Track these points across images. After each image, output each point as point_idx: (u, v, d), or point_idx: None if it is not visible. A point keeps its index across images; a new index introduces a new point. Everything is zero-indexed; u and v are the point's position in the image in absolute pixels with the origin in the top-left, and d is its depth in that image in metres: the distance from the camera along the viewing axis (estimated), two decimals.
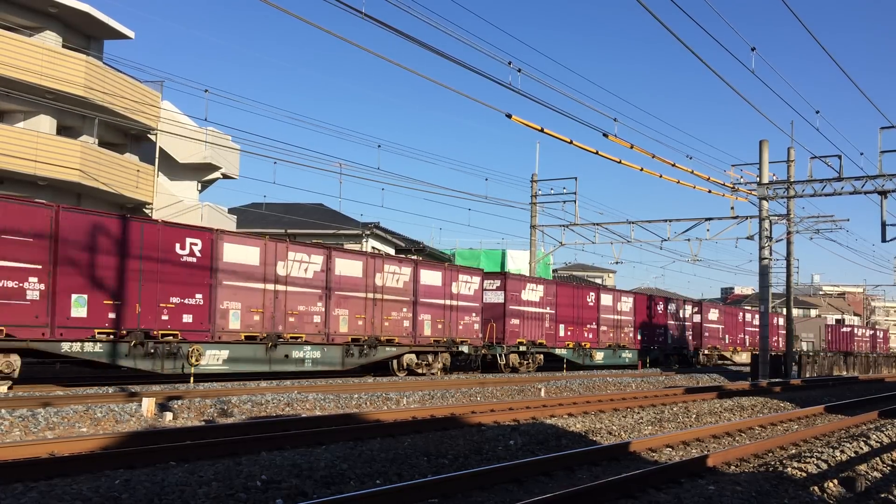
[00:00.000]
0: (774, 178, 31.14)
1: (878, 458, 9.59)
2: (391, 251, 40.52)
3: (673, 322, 40.94)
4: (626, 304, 36.38)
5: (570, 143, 20.58)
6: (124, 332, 16.50)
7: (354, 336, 22.05)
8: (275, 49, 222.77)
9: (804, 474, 8.17)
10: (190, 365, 17.74)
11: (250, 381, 19.40)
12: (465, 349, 26.58)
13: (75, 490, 6.62)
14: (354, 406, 14.69)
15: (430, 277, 25.04)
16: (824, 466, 8.71)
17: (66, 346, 15.62)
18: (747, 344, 48.80)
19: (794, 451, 10.46)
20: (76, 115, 25.89)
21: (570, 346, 31.98)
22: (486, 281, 28.14)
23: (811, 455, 9.23)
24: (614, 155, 22.55)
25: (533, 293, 30.00)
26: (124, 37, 28.68)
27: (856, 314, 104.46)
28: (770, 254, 31.41)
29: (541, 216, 37.85)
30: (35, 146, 23.88)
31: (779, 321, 49.48)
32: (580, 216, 36.75)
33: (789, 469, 8.34)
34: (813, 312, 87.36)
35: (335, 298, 21.53)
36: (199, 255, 18.12)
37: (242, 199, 66.47)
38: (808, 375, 34.11)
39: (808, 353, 40.36)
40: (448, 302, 25.57)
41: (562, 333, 31.49)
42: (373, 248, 37.98)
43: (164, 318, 17.31)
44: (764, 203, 30.92)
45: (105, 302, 16.23)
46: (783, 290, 38.28)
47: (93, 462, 7.84)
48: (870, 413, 15.96)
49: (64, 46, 26.04)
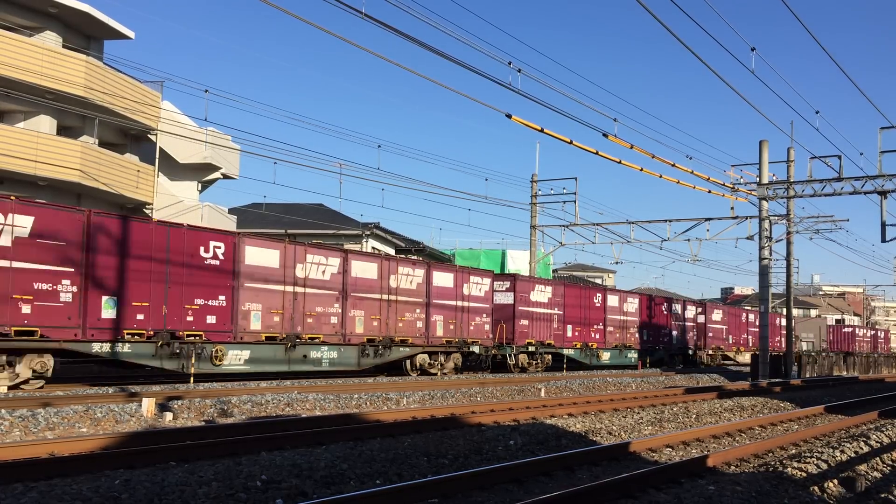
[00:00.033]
0: (774, 178, 31.15)
1: (878, 458, 9.59)
2: (391, 251, 40.53)
3: (677, 322, 41.16)
4: (632, 304, 36.69)
5: (570, 143, 20.60)
6: (152, 332, 16.97)
7: (370, 337, 22.44)
8: (275, 49, 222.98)
9: (804, 474, 8.17)
10: (214, 365, 18.13)
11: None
12: (476, 349, 26.91)
13: (75, 490, 6.62)
14: (354, 406, 14.70)
15: (443, 279, 25.44)
16: (824, 466, 8.71)
17: (96, 347, 16.07)
18: (750, 344, 48.84)
19: (794, 452, 10.46)
20: (76, 115, 25.89)
21: (578, 346, 32.29)
22: (496, 282, 28.48)
23: (811, 455, 9.23)
24: (614, 155, 22.58)
25: (541, 294, 30.29)
26: (124, 37, 28.68)
27: (856, 314, 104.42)
28: (770, 254, 31.41)
29: (541, 216, 37.87)
30: (35, 146, 23.89)
31: (780, 321, 49.50)
32: (580, 216, 36.77)
33: (789, 469, 8.34)
34: (813, 312, 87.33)
35: (351, 300, 21.91)
36: (221, 257, 18.59)
37: (242, 199, 66.60)
38: (808, 375, 34.13)
39: (808, 354, 40.37)
40: (459, 303, 25.96)
41: (569, 334, 31.77)
42: (373, 248, 37.97)
43: (189, 319, 17.75)
44: (764, 203, 30.92)
45: (133, 303, 16.70)
46: (783, 290, 38.30)
47: (93, 462, 7.84)
48: (870, 413, 15.97)
49: (64, 46, 26.04)
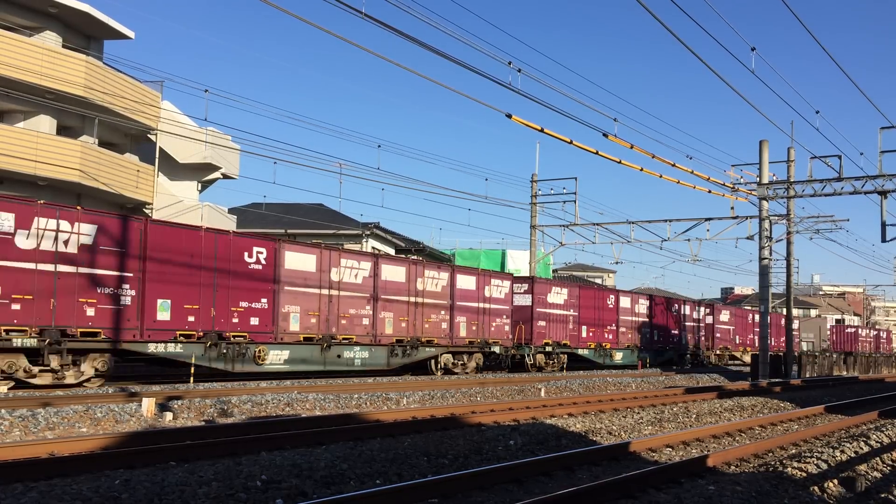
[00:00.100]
0: (774, 178, 31.14)
1: (878, 458, 9.59)
2: (391, 251, 40.55)
3: (686, 323, 42.04)
4: (643, 306, 37.87)
5: (570, 143, 20.59)
6: (201, 333, 18.13)
7: (398, 337, 23.48)
8: (275, 49, 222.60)
9: (804, 474, 8.17)
10: (256, 364, 19.12)
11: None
12: (496, 349, 27.76)
13: (75, 490, 6.62)
14: (354, 406, 14.70)
15: (466, 282, 26.46)
16: (824, 466, 8.71)
17: (152, 347, 17.30)
18: (756, 345, 49.06)
19: (794, 451, 10.46)
20: (76, 115, 25.88)
21: (592, 346, 33.19)
22: (515, 284, 29.36)
23: (811, 455, 9.23)
24: (614, 155, 22.60)
25: (558, 296, 31.13)
26: (124, 37, 28.67)
27: (856, 314, 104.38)
28: (770, 254, 31.41)
29: (541, 216, 37.83)
30: (35, 146, 23.89)
31: (782, 321, 49.60)
32: (580, 216, 36.74)
33: (789, 469, 8.34)
34: (813, 312, 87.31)
35: (381, 302, 22.94)
36: (264, 262, 19.70)
37: (242, 199, 66.55)
38: (808, 375, 34.13)
39: (809, 353, 40.38)
40: (481, 305, 26.94)
41: (584, 335, 32.65)
42: (373, 248, 37.98)
43: (235, 320, 18.89)
44: (764, 203, 30.91)
45: (185, 306, 17.84)
46: (783, 290, 38.31)
47: (93, 462, 7.84)
48: (870, 413, 15.96)
49: (64, 46, 26.03)
